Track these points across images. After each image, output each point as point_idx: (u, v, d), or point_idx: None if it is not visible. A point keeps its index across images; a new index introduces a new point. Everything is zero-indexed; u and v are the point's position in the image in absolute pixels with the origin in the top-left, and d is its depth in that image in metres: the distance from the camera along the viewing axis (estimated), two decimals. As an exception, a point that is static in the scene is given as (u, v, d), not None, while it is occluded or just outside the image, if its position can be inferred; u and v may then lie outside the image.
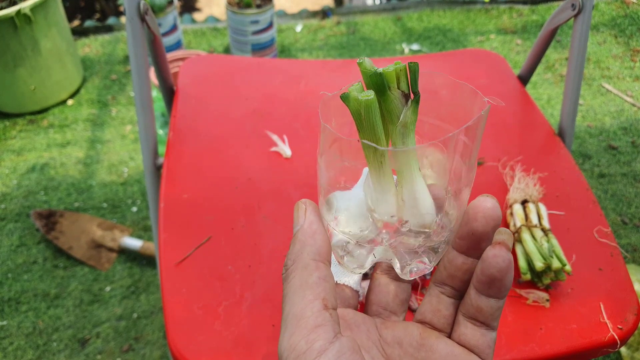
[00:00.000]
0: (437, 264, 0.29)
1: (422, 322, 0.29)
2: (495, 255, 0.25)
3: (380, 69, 0.24)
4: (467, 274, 0.28)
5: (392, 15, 2.07)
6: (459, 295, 0.28)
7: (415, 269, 0.28)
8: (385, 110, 0.25)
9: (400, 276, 0.28)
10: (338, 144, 0.26)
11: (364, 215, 0.27)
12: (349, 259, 0.29)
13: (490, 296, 0.26)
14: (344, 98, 0.25)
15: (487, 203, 0.26)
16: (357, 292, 0.31)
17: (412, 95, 0.25)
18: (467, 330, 0.27)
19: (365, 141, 0.25)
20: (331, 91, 0.27)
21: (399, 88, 0.25)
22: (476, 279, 0.26)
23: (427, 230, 0.27)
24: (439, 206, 0.27)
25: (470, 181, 0.27)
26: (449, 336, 0.28)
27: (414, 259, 0.28)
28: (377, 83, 0.24)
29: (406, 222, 0.26)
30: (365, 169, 0.27)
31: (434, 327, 0.28)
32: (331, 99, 0.26)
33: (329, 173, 0.28)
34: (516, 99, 0.87)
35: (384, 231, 0.27)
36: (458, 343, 0.27)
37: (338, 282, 0.31)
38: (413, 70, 0.25)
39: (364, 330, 0.28)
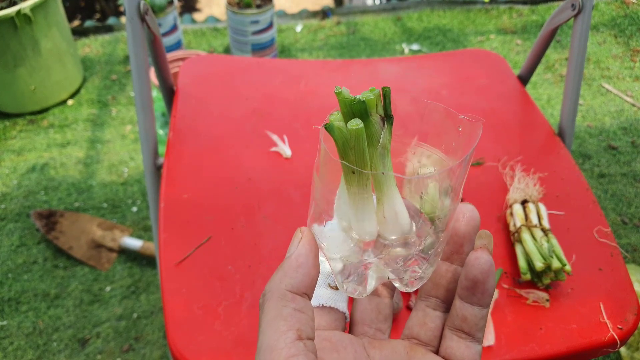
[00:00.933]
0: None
1: (409, 337, 0.30)
2: (477, 258, 0.26)
3: (360, 97, 0.25)
4: (451, 283, 0.29)
5: (392, 15, 2.07)
6: (445, 307, 0.29)
7: (410, 278, 0.29)
8: (367, 135, 0.26)
9: (403, 289, 0.29)
10: (335, 164, 0.27)
11: (346, 239, 0.28)
12: (349, 285, 0.29)
13: (473, 304, 0.27)
14: (329, 128, 0.25)
15: (467, 206, 0.28)
16: (343, 313, 0.32)
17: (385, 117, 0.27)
18: (453, 343, 0.28)
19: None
20: (331, 90, 0.27)
21: (377, 112, 0.26)
22: (460, 286, 0.27)
23: (408, 240, 0.28)
24: (412, 215, 0.28)
25: (459, 192, 0.28)
26: (437, 351, 0.29)
27: (407, 269, 0.29)
28: (360, 110, 0.25)
29: (387, 236, 0.28)
30: (336, 198, 0.28)
31: (421, 342, 0.29)
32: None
33: (325, 188, 0.28)
34: (516, 99, 0.87)
35: (369, 250, 0.28)
36: (444, 358, 0.28)
37: (324, 305, 0.31)
38: (387, 94, 0.26)
39: (351, 351, 0.28)
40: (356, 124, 0.25)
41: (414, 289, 0.29)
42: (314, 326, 0.25)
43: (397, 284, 0.29)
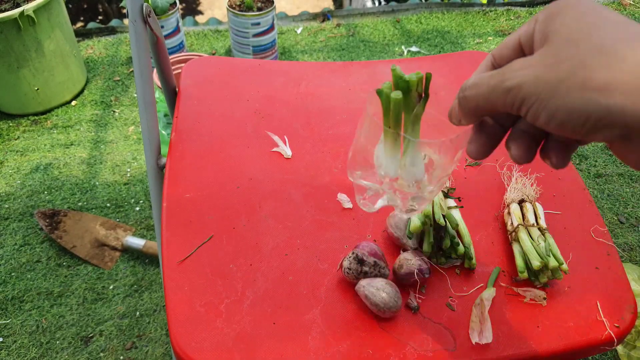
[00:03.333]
0: None
1: None
2: None
3: (407, 77, 0.36)
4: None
5: (391, 17, 2.08)
6: None
7: (411, 207, 0.43)
8: (405, 104, 0.37)
9: (400, 214, 0.40)
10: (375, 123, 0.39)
11: (375, 173, 0.42)
12: (364, 202, 0.45)
13: None
14: (379, 93, 0.37)
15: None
16: None
17: (423, 95, 0.38)
18: None
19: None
20: (331, 92, 0.36)
21: (417, 90, 0.36)
22: None
23: (418, 183, 0.41)
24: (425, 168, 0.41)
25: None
26: None
27: (412, 201, 0.42)
28: (404, 87, 0.36)
29: (404, 178, 0.41)
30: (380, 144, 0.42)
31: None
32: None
33: (365, 140, 0.41)
34: (514, 100, 0.88)
35: (386, 180, 0.41)
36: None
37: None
38: (428, 80, 0.37)
39: None
40: (397, 95, 0.36)
41: (410, 216, 0.46)
42: None
43: (398, 210, 0.43)
